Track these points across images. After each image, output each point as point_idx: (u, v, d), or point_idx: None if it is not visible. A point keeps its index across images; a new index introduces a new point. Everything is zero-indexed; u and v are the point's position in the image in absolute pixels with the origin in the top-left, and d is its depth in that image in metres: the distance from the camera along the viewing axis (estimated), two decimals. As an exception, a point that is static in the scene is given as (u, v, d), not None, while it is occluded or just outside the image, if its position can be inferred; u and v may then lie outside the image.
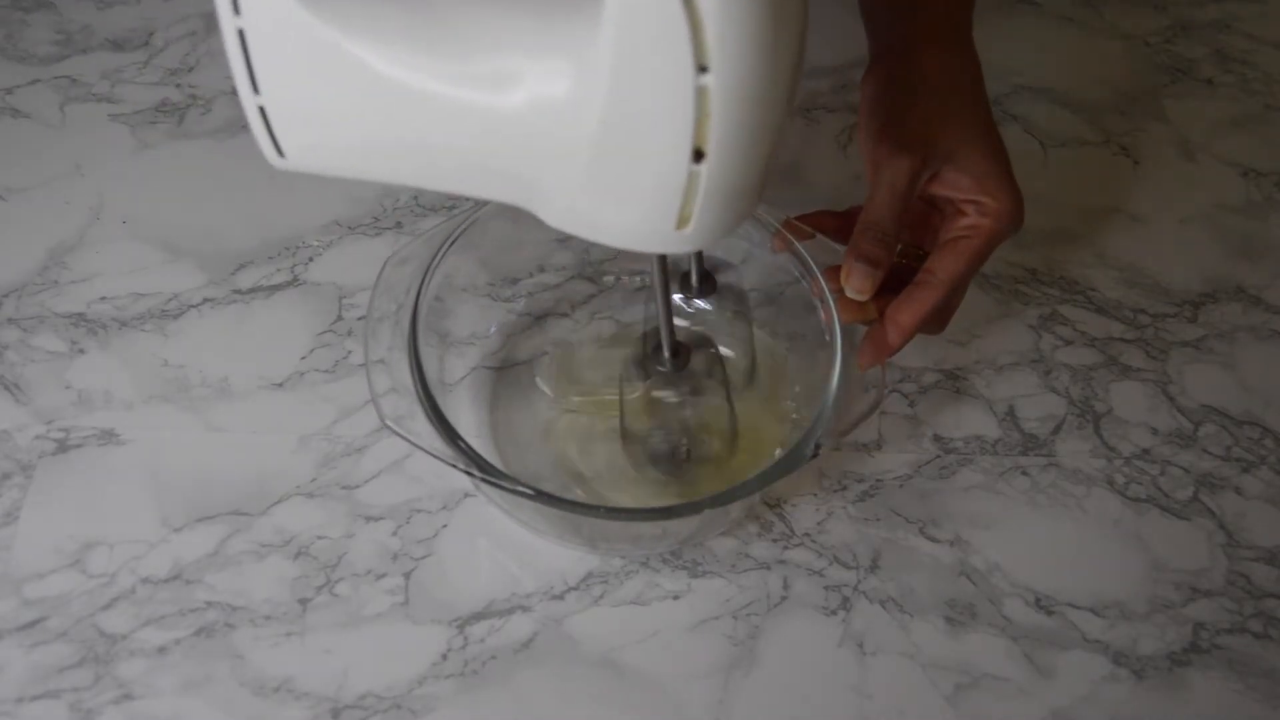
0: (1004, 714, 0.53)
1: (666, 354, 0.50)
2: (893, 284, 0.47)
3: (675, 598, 0.55)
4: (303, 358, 0.62)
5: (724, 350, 0.56)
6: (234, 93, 0.73)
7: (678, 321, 0.53)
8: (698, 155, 0.31)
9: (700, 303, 0.58)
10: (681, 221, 0.34)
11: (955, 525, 0.58)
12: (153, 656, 0.52)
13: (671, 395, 0.54)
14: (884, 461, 0.60)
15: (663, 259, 0.43)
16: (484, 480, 0.47)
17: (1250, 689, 0.54)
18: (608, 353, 0.60)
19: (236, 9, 0.32)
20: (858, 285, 0.46)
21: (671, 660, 0.53)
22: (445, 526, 0.56)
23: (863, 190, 0.47)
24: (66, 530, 0.55)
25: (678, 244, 0.35)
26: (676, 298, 0.56)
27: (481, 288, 0.61)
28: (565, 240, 0.61)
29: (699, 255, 0.53)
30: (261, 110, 0.35)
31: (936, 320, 0.50)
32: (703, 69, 0.29)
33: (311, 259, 0.66)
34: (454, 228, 0.53)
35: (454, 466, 0.47)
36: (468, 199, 0.48)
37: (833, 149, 0.73)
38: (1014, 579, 0.57)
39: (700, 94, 0.30)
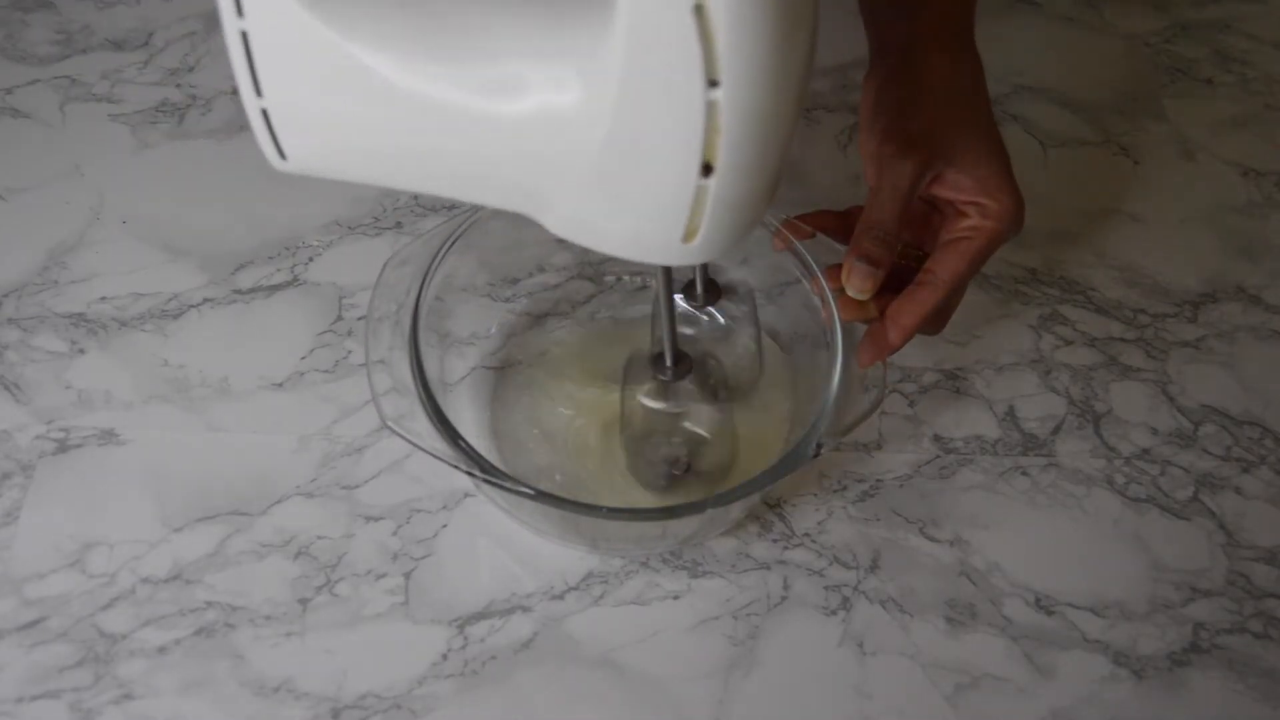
0: (1004, 714, 0.53)
1: (669, 363, 0.49)
2: (893, 284, 0.47)
3: (675, 598, 0.55)
4: (303, 358, 0.62)
5: (728, 359, 0.56)
6: (234, 93, 0.73)
7: (682, 330, 0.52)
8: (706, 169, 0.31)
9: (707, 311, 0.57)
10: (689, 234, 0.33)
11: (955, 525, 0.58)
12: (153, 656, 0.52)
13: (672, 406, 0.54)
14: (884, 461, 0.60)
15: (666, 269, 0.42)
16: (484, 480, 0.47)
17: (1250, 689, 0.54)
18: (606, 352, 0.60)
19: (240, 11, 0.32)
20: (858, 284, 0.46)
21: (671, 660, 0.53)
22: (445, 526, 0.56)
23: (863, 190, 0.47)
24: (66, 530, 0.55)
25: (684, 256, 0.34)
26: (683, 304, 0.56)
27: (481, 288, 0.61)
28: (566, 240, 0.61)
29: (703, 264, 0.52)
30: (264, 113, 0.34)
31: (936, 320, 0.50)
32: (713, 83, 0.28)
33: (311, 259, 0.66)
34: (454, 228, 0.53)
35: (455, 466, 0.47)
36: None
37: (833, 149, 0.73)
38: (1014, 579, 0.57)
39: (710, 109, 0.29)
